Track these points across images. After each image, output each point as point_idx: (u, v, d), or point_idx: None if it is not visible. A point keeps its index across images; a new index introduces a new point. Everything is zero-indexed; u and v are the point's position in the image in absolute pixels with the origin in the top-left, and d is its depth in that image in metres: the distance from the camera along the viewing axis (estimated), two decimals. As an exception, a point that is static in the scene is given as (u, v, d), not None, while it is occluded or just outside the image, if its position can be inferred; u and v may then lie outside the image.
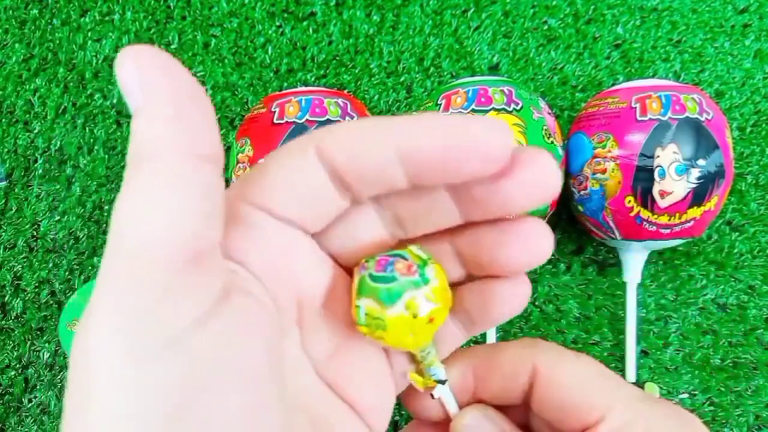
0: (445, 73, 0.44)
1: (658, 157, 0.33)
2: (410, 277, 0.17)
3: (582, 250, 0.42)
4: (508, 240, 0.18)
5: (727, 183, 0.34)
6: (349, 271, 0.19)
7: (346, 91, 0.43)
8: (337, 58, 0.45)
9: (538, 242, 0.18)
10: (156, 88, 0.13)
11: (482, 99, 0.34)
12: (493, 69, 0.44)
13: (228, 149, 0.43)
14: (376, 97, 0.44)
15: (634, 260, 0.38)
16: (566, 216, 0.41)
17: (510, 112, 0.34)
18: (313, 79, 0.44)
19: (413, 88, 0.44)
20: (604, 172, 0.35)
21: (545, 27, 0.45)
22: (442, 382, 0.20)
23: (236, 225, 0.16)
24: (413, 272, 0.18)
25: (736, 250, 0.41)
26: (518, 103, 0.34)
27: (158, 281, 0.12)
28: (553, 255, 0.42)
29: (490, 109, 0.34)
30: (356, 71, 0.44)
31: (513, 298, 0.20)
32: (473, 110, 0.34)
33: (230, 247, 0.16)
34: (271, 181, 0.17)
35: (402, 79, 0.44)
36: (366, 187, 0.17)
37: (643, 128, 0.34)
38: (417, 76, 0.44)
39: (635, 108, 0.34)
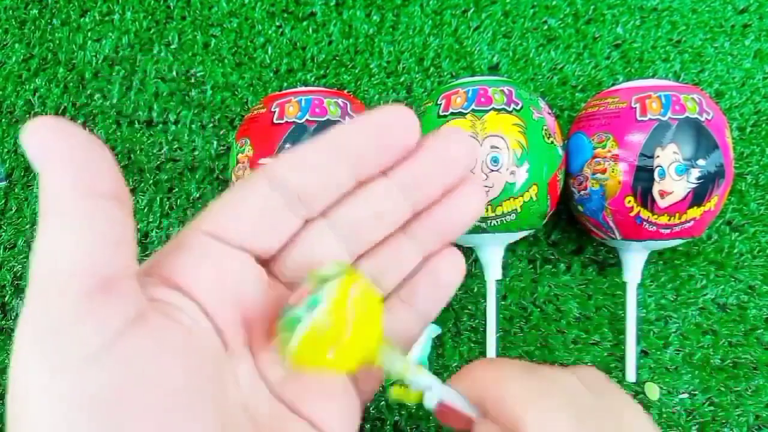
0: (445, 73, 0.44)
1: (658, 157, 0.33)
2: (301, 305, 0.18)
3: (582, 250, 0.42)
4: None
5: (727, 183, 0.34)
6: None
7: (346, 91, 0.43)
8: (337, 58, 0.45)
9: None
10: (52, 149, 0.14)
11: (482, 99, 0.34)
12: (493, 69, 0.44)
13: (228, 149, 0.43)
14: (376, 97, 0.44)
15: (634, 260, 0.38)
16: (566, 216, 0.41)
17: (510, 112, 0.34)
18: (313, 79, 0.44)
19: (413, 88, 0.44)
20: (604, 172, 0.35)
21: (545, 27, 0.45)
22: (428, 389, 0.19)
23: (183, 251, 0.18)
24: (304, 300, 0.18)
25: (736, 250, 0.41)
26: (518, 103, 0.34)
27: (67, 308, 0.14)
28: (552, 255, 0.42)
29: (490, 109, 0.34)
30: (356, 71, 0.44)
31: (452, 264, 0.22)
32: (473, 110, 0.34)
33: (173, 273, 0.17)
34: (222, 209, 0.19)
35: (402, 79, 0.44)
36: (317, 196, 0.19)
37: (643, 128, 0.34)
38: (417, 76, 0.44)
39: (635, 108, 0.34)
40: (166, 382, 0.15)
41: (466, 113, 0.34)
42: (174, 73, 0.45)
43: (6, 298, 0.43)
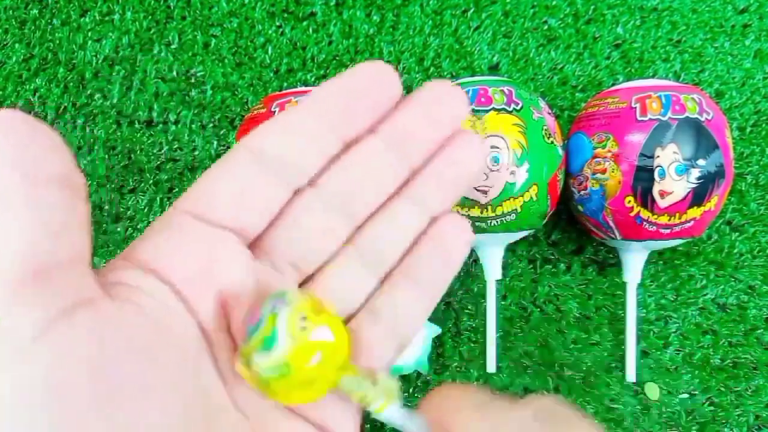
0: (445, 73, 0.44)
1: (658, 157, 0.33)
2: (253, 326, 0.16)
3: (582, 250, 0.42)
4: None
5: (727, 183, 0.34)
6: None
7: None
8: (337, 58, 0.45)
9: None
10: None
11: (482, 99, 0.34)
12: (493, 69, 0.44)
13: (228, 149, 0.43)
14: (376, 97, 0.44)
15: (634, 260, 0.38)
16: (566, 216, 0.41)
17: (510, 112, 0.34)
18: (313, 79, 0.44)
19: (413, 88, 0.44)
20: (604, 172, 0.35)
21: (545, 27, 0.45)
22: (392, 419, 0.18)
23: (162, 233, 0.17)
24: (255, 321, 0.16)
25: (736, 250, 0.41)
26: (518, 103, 0.34)
27: (2, 295, 0.13)
28: (552, 255, 0.42)
29: (490, 109, 0.34)
30: (356, 71, 0.44)
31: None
32: (473, 110, 0.34)
33: (150, 256, 0.17)
34: (201, 186, 0.18)
35: (402, 79, 0.44)
36: (301, 163, 0.18)
37: (643, 128, 0.34)
38: (417, 76, 0.44)
39: (635, 108, 0.34)
40: (116, 371, 0.14)
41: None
42: (174, 73, 0.45)
43: (6, 298, 0.43)
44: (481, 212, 0.34)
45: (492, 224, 0.35)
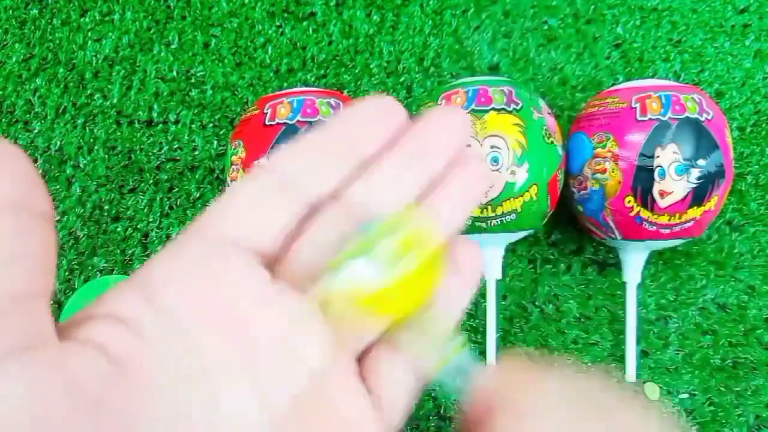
0: (445, 73, 0.44)
1: (658, 157, 0.33)
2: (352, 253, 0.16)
3: (582, 250, 0.42)
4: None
5: (727, 183, 0.34)
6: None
7: (345, 92, 0.43)
8: (337, 58, 0.45)
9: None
10: None
11: (482, 99, 0.34)
12: (493, 69, 0.44)
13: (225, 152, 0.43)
14: (376, 97, 0.44)
15: (634, 260, 0.38)
16: (566, 216, 0.41)
17: (510, 112, 0.34)
18: (313, 79, 0.44)
19: (413, 88, 0.44)
20: (604, 172, 0.35)
21: (545, 27, 0.45)
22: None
23: (174, 257, 0.16)
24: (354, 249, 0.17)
25: (736, 250, 0.41)
26: (518, 103, 0.34)
27: None
28: (552, 255, 0.42)
29: (490, 109, 0.34)
30: (356, 71, 0.44)
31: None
32: (473, 110, 0.34)
33: (152, 279, 0.16)
34: (216, 207, 0.17)
35: (402, 79, 0.44)
36: (317, 180, 0.18)
37: (643, 128, 0.34)
38: (417, 76, 0.44)
39: (635, 108, 0.34)
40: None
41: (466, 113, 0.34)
42: (174, 73, 0.45)
43: (6, 298, 0.43)
44: (481, 212, 0.34)
45: (492, 224, 0.35)
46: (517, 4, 0.45)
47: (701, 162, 0.33)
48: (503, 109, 0.34)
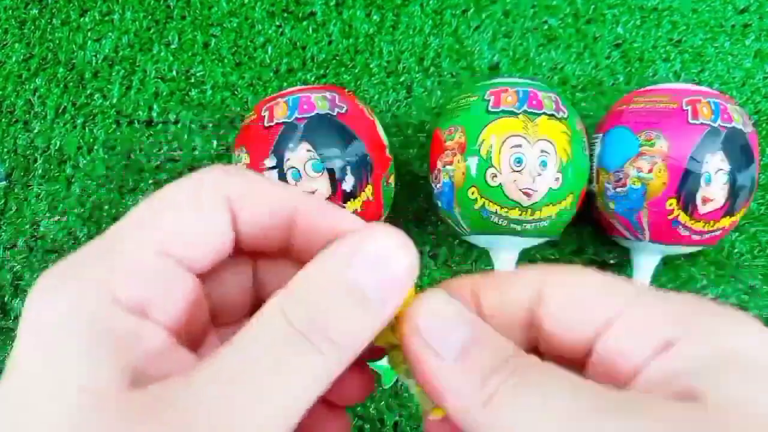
0: (445, 73, 0.44)
1: (707, 162, 0.33)
2: None
3: (582, 250, 0.42)
4: None
5: (751, 196, 0.35)
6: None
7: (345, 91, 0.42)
8: (337, 58, 0.45)
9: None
10: None
11: (533, 102, 0.34)
12: (494, 69, 0.44)
13: (228, 149, 0.43)
14: (376, 97, 0.44)
15: (646, 263, 0.37)
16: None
17: (559, 120, 0.34)
18: (313, 78, 0.44)
19: (413, 88, 0.44)
20: (650, 171, 0.34)
21: (545, 27, 0.45)
22: None
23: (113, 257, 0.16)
24: None
25: (736, 250, 0.41)
26: (565, 112, 0.34)
27: None
28: (552, 255, 0.42)
29: (541, 113, 0.33)
30: (356, 71, 0.44)
31: None
32: (525, 111, 0.33)
33: (111, 283, 0.15)
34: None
35: (402, 78, 0.44)
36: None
37: (695, 132, 0.33)
38: (417, 75, 0.44)
39: (687, 110, 0.34)
40: None
41: (518, 113, 0.33)
42: (174, 72, 0.45)
43: (6, 298, 0.43)
44: (521, 214, 0.34)
45: (526, 227, 0.34)
46: (517, 4, 0.45)
47: (742, 173, 0.33)
48: (553, 115, 0.34)
